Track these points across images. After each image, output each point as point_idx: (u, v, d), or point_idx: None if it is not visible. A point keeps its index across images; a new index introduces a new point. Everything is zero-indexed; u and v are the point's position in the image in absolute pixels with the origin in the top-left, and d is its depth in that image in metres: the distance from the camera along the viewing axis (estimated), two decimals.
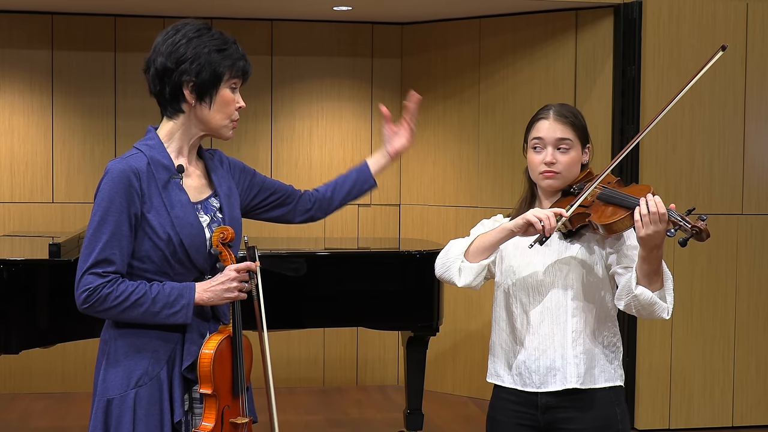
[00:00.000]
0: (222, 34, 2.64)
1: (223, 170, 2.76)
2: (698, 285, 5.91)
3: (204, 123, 2.63)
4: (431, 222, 6.92)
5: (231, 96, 2.63)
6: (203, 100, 2.60)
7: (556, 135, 2.75)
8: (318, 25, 6.92)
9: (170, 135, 2.63)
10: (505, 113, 6.51)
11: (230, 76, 2.62)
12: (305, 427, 6.01)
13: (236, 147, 6.84)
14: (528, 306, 2.76)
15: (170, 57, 2.57)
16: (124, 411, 2.52)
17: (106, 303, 2.50)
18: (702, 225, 2.48)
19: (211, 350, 2.55)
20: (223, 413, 2.59)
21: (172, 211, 2.54)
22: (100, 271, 2.50)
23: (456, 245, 2.82)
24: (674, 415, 5.95)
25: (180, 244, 2.54)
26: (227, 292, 2.59)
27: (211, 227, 2.63)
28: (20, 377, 6.66)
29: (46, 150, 6.70)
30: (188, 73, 2.57)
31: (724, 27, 5.90)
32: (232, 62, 2.61)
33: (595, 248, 2.75)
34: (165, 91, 2.61)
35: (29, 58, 6.66)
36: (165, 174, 2.57)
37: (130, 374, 2.54)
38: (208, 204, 2.67)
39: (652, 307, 2.62)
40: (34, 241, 5.40)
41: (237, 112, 2.67)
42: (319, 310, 4.85)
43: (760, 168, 6.00)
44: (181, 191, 2.59)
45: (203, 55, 2.57)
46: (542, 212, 2.62)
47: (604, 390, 2.75)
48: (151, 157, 2.56)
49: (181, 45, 2.58)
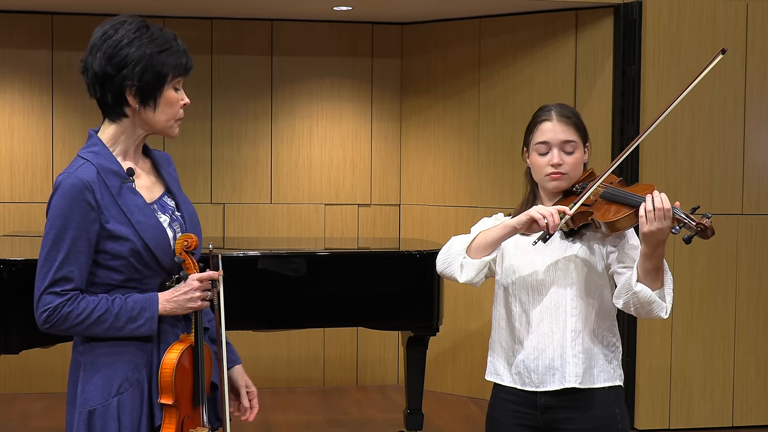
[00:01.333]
0: (161, 31, 2.55)
1: (171, 169, 2.71)
2: (698, 285, 5.91)
3: (149, 125, 2.55)
4: (431, 222, 6.92)
5: (175, 96, 2.56)
6: (147, 103, 2.52)
7: (561, 137, 2.75)
8: (318, 25, 6.92)
9: (114, 138, 2.56)
10: (505, 113, 6.51)
11: (174, 76, 2.54)
12: (305, 427, 6.01)
13: (236, 147, 6.84)
14: (528, 305, 2.76)
15: (110, 62, 2.49)
16: (108, 421, 2.47)
17: (68, 322, 2.46)
18: (707, 222, 2.48)
19: (173, 360, 2.50)
20: (183, 423, 2.54)
21: (132, 217, 2.49)
22: (59, 290, 2.45)
23: (458, 241, 2.81)
24: (674, 415, 5.95)
25: (146, 248, 2.49)
26: (190, 302, 2.54)
27: (172, 226, 2.58)
28: (20, 377, 6.66)
29: (46, 150, 6.70)
30: (130, 77, 2.49)
31: (724, 27, 5.90)
32: (175, 62, 2.53)
33: (596, 247, 2.75)
34: (107, 97, 2.52)
35: (29, 58, 6.66)
36: (116, 180, 2.50)
37: (110, 382, 2.49)
38: (164, 203, 2.62)
39: (651, 305, 2.61)
40: (34, 241, 5.40)
41: (182, 110, 2.59)
42: (319, 310, 4.85)
43: (760, 168, 6.00)
44: (135, 195, 2.53)
45: (145, 58, 2.49)
46: (546, 209, 2.62)
47: (604, 390, 2.74)
48: (99, 165, 2.49)
49: (121, 48, 2.49)
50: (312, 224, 6.96)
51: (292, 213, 6.97)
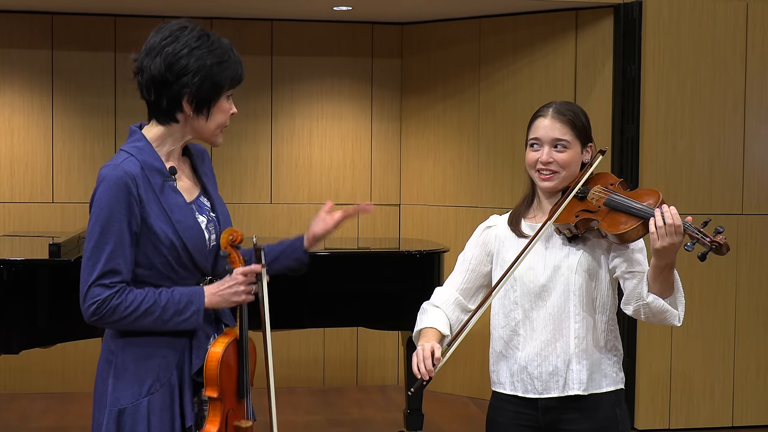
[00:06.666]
0: (221, 41, 2.58)
1: (206, 167, 2.73)
2: (698, 285, 5.91)
3: (198, 131, 2.59)
4: (431, 222, 6.92)
5: (227, 106, 2.60)
6: (201, 111, 2.55)
7: (552, 134, 2.71)
8: (318, 25, 6.92)
9: (161, 140, 2.58)
10: (505, 113, 6.51)
11: (229, 87, 2.58)
12: (305, 427, 6.01)
13: (236, 147, 6.84)
14: (530, 311, 2.72)
15: (171, 69, 2.50)
16: (138, 420, 2.49)
17: (116, 314, 2.47)
18: (721, 239, 2.46)
19: (218, 354, 2.53)
20: (228, 417, 2.56)
21: (173, 215, 2.51)
22: (108, 282, 2.46)
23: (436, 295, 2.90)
24: (674, 415, 5.95)
25: (184, 248, 2.51)
26: (235, 296, 2.57)
27: (209, 228, 2.60)
28: (20, 377, 6.66)
29: (46, 150, 6.70)
30: (189, 86, 2.50)
31: (724, 27, 5.89)
32: (232, 74, 2.57)
33: (599, 252, 2.72)
34: (161, 102, 2.53)
35: (29, 58, 6.66)
36: (159, 178, 2.52)
37: (141, 382, 2.50)
38: (201, 203, 2.64)
39: (664, 314, 2.59)
40: (34, 241, 5.40)
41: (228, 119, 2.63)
42: (319, 310, 4.85)
43: (760, 168, 5.99)
44: (177, 194, 2.55)
45: (205, 68, 2.51)
46: (419, 356, 2.58)
47: (606, 394, 2.72)
48: (144, 161, 2.51)
49: (182, 56, 2.50)
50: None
51: (292, 213, 6.97)
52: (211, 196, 2.67)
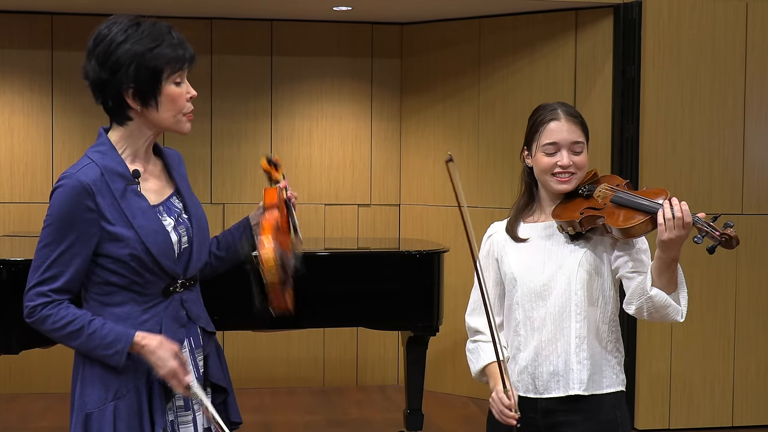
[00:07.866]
0: (154, 26, 2.47)
1: (182, 169, 2.66)
2: (698, 285, 5.90)
3: (156, 124, 2.50)
4: (431, 222, 6.92)
5: (177, 90, 2.48)
6: (148, 103, 2.45)
7: (570, 137, 2.70)
8: (318, 25, 6.92)
9: (123, 140, 2.51)
10: (504, 113, 6.51)
11: (171, 71, 2.46)
12: (305, 427, 6.01)
13: (236, 147, 6.84)
14: (531, 311, 2.72)
15: (104, 67, 2.44)
16: (104, 425, 2.44)
17: (46, 324, 2.45)
18: (731, 232, 2.45)
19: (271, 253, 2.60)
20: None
21: (134, 220, 2.44)
22: (45, 290, 2.44)
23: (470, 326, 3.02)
24: (674, 415, 5.95)
25: (147, 253, 2.44)
26: (160, 368, 2.44)
27: (177, 230, 2.53)
28: (20, 377, 6.66)
29: (46, 150, 6.70)
30: (126, 80, 2.42)
31: (724, 27, 5.90)
32: (169, 56, 2.44)
33: (602, 251, 2.71)
34: (108, 102, 2.47)
35: (29, 58, 6.66)
36: (121, 182, 2.46)
37: (107, 387, 2.46)
38: (171, 204, 2.57)
39: (666, 309, 2.58)
40: (34, 241, 5.36)
41: (190, 102, 2.52)
42: (319, 310, 4.84)
43: (760, 168, 5.99)
44: (140, 198, 2.48)
45: (137, 57, 2.42)
46: (498, 406, 2.66)
47: (606, 395, 2.71)
48: (104, 166, 2.45)
49: (111, 51, 2.43)
50: (312, 224, 6.95)
51: None
52: (184, 198, 2.60)
